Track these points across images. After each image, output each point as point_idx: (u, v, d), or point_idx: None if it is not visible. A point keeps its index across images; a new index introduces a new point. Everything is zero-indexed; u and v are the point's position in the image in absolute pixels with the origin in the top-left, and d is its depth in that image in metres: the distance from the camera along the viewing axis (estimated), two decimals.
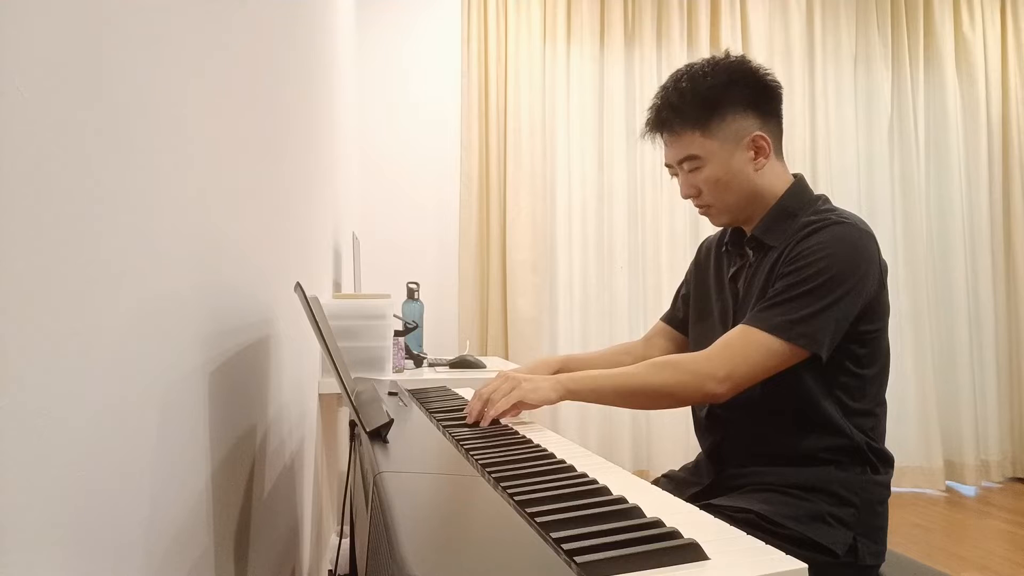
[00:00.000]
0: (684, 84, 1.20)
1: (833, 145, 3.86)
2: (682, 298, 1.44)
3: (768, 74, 1.21)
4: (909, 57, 3.94)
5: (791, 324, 1.07)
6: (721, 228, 1.35)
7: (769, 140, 1.20)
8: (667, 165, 1.27)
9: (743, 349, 1.08)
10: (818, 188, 3.80)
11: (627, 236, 3.66)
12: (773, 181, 1.22)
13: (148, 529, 0.57)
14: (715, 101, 1.18)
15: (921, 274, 3.79)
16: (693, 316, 1.37)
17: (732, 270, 1.27)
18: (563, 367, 1.42)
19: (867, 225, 1.14)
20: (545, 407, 3.52)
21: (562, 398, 1.11)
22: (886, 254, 3.83)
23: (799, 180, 1.24)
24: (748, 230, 1.26)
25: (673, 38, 3.74)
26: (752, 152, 1.19)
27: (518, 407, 1.07)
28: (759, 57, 3.78)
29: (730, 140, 1.18)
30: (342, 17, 2.63)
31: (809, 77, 3.88)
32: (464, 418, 1.07)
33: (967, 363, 3.82)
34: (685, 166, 1.22)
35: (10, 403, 0.37)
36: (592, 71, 3.70)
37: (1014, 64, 3.99)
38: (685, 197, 1.25)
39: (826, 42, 3.91)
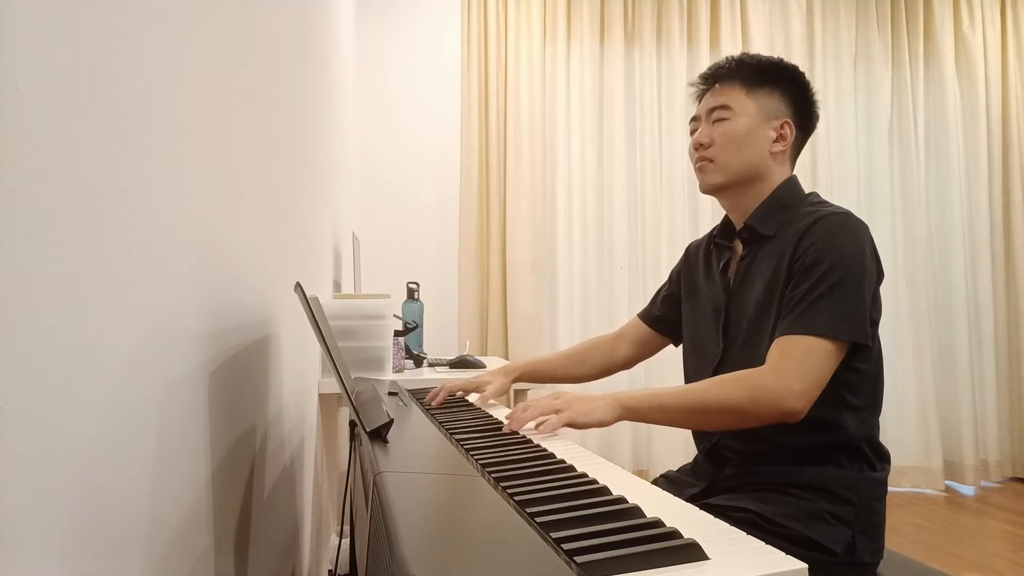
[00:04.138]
0: (754, 54, 1.28)
1: (833, 145, 3.86)
2: (663, 298, 1.46)
3: (816, 102, 1.30)
4: (909, 57, 3.94)
5: (837, 321, 1.06)
6: (706, 233, 1.39)
7: (793, 135, 1.25)
8: (693, 119, 1.31)
9: (805, 358, 1.05)
10: (818, 188, 3.80)
11: (627, 236, 3.66)
12: (776, 171, 1.25)
13: (148, 529, 0.57)
14: (771, 76, 1.25)
15: (921, 274, 3.79)
16: (686, 312, 1.37)
17: (722, 263, 1.29)
18: (525, 371, 1.42)
19: (859, 218, 1.17)
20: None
21: (619, 418, 1.06)
22: (886, 254, 3.84)
23: (794, 177, 1.28)
24: (739, 221, 1.28)
25: (673, 38, 3.74)
26: (775, 134, 1.24)
27: (567, 426, 1.02)
28: None
29: (765, 111, 1.24)
30: (342, 17, 2.62)
31: (809, 77, 3.84)
32: (464, 419, 1.07)
33: (967, 363, 3.82)
34: (713, 115, 1.26)
35: (11, 403, 0.37)
36: (592, 71, 3.70)
37: (1014, 64, 3.99)
38: (696, 144, 1.28)
39: (826, 42, 3.91)
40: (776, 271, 1.16)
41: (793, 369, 1.05)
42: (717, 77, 1.28)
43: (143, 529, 0.55)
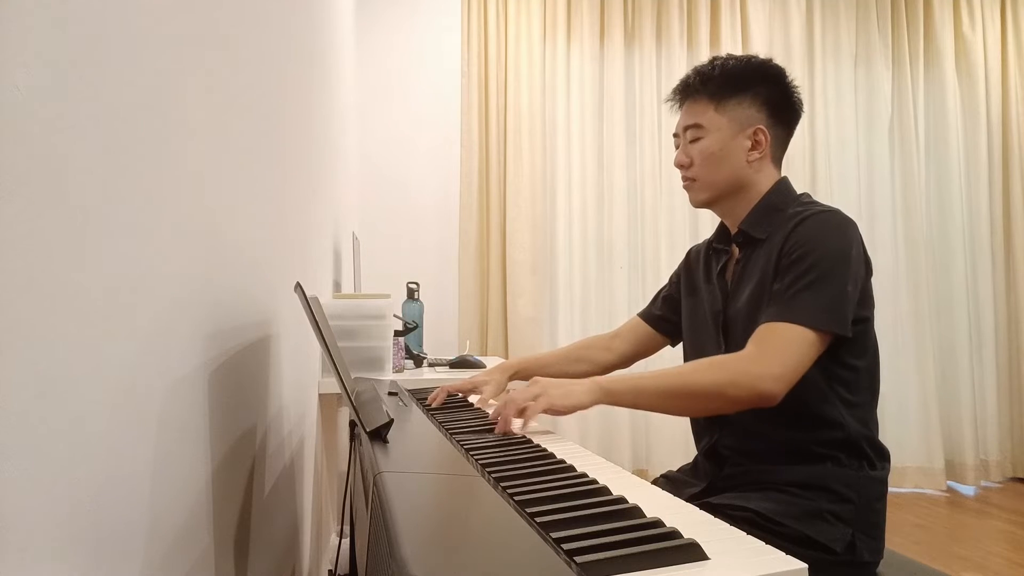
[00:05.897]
0: (719, 62, 1.26)
1: (833, 145, 3.86)
2: (663, 298, 1.47)
3: (797, 90, 1.27)
4: (909, 57, 3.94)
5: (819, 312, 1.07)
6: (706, 238, 1.40)
7: (769, 139, 1.24)
8: (674, 135, 1.32)
9: (786, 345, 1.06)
10: (818, 188, 3.80)
11: (627, 236, 3.67)
12: (760, 179, 1.25)
13: (148, 529, 0.57)
14: (738, 84, 1.23)
15: (921, 274, 3.79)
16: (686, 314, 1.38)
17: (719, 266, 1.31)
18: (521, 368, 1.43)
19: (847, 215, 1.18)
20: None
21: (597, 402, 1.06)
22: (886, 254, 3.84)
23: (784, 179, 1.28)
24: (733, 227, 1.29)
25: (673, 38, 3.74)
26: (750, 143, 1.23)
27: (547, 413, 1.02)
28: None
29: (736, 122, 1.23)
30: (342, 16, 2.62)
31: (809, 77, 3.87)
32: (464, 419, 1.07)
33: (967, 363, 3.82)
34: (688, 134, 1.27)
35: (10, 404, 0.37)
36: (592, 71, 3.70)
37: (1014, 64, 3.99)
38: (677, 165, 1.29)
39: (826, 42, 3.91)
40: (766, 270, 1.18)
41: (771, 354, 1.06)
42: (687, 93, 1.28)
43: (143, 529, 0.55)
